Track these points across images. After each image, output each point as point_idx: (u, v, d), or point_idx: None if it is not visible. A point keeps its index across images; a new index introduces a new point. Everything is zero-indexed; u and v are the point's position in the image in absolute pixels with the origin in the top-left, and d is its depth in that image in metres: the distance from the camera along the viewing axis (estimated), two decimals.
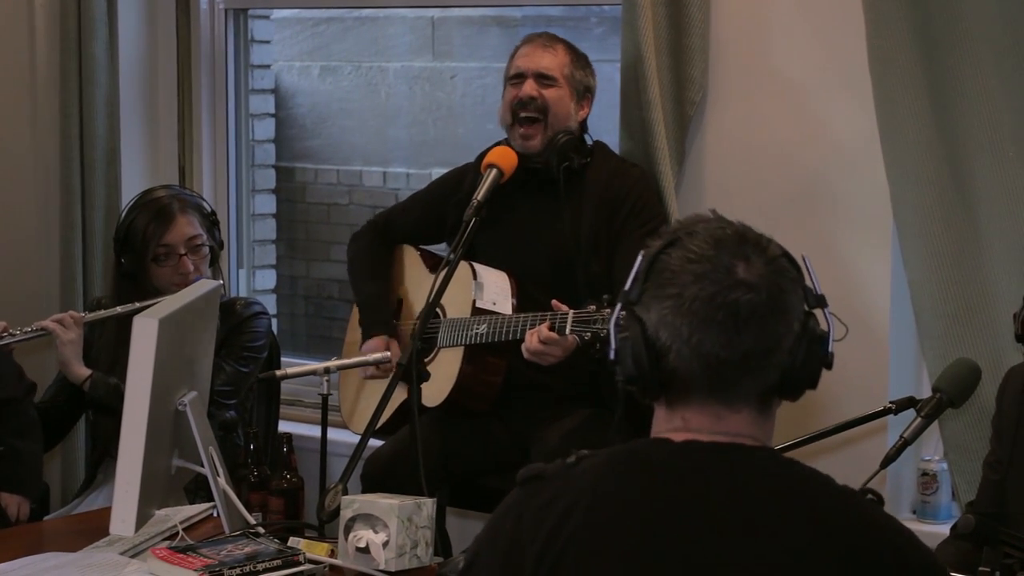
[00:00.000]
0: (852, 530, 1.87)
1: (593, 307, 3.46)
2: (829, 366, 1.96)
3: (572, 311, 3.50)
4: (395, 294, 4.19)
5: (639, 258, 1.97)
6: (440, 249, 4.22)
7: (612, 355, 1.97)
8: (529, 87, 3.91)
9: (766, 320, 1.90)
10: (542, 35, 4.00)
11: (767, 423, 1.96)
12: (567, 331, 3.50)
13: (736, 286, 1.89)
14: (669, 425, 1.96)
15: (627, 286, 1.96)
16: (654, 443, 1.96)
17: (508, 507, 1.98)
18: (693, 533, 1.87)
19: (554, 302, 3.57)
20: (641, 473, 1.93)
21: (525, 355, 3.60)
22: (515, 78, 3.95)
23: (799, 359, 1.92)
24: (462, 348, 3.83)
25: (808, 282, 1.96)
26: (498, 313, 3.78)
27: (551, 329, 3.54)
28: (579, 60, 3.97)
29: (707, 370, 1.90)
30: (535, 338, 3.56)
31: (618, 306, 1.97)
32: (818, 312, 1.96)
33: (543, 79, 3.91)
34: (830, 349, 1.96)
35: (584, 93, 3.96)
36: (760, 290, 1.90)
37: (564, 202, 3.85)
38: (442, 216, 4.06)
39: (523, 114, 3.90)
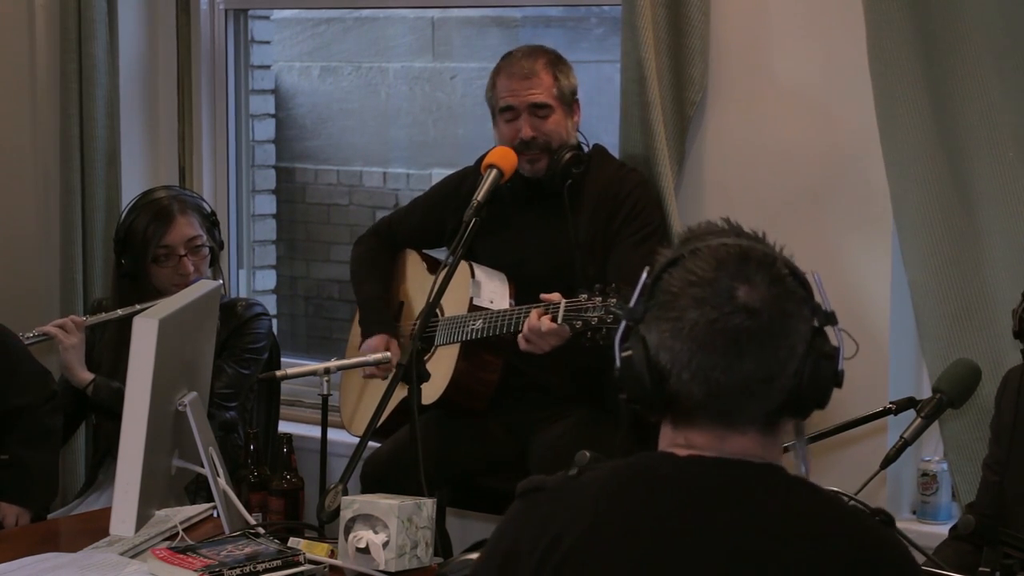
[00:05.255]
0: (857, 553, 1.85)
1: (584, 296, 3.46)
2: (839, 384, 1.94)
3: (564, 300, 3.51)
4: (396, 297, 4.19)
5: (644, 273, 1.94)
6: (442, 253, 4.22)
7: (616, 372, 1.95)
8: (527, 127, 3.85)
9: (767, 345, 1.87)
10: (520, 60, 3.91)
11: (774, 442, 1.94)
12: (559, 320, 3.49)
13: (736, 311, 1.86)
14: (674, 442, 1.94)
15: (632, 301, 1.93)
16: (658, 457, 1.95)
17: (508, 519, 1.97)
18: (695, 549, 1.85)
19: (543, 296, 3.56)
20: (644, 487, 1.91)
21: (522, 345, 3.58)
22: (506, 111, 3.91)
23: (805, 380, 1.89)
24: (458, 345, 3.83)
25: (817, 298, 1.92)
26: (495, 310, 3.78)
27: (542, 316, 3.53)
28: (559, 67, 3.91)
29: (708, 395, 1.88)
30: (541, 323, 3.53)
31: (623, 323, 1.95)
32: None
33: (537, 109, 3.87)
34: (840, 367, 1.92)
35: (572, 99, 3.93)
36: (761, 315, 1.86)
37: (565, 215, 3.84)
38: (442, 220, 4.06)
39: (526, 153, 3.87)
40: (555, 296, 3.54)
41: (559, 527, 1.89)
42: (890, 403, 3.13)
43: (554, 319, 3.50)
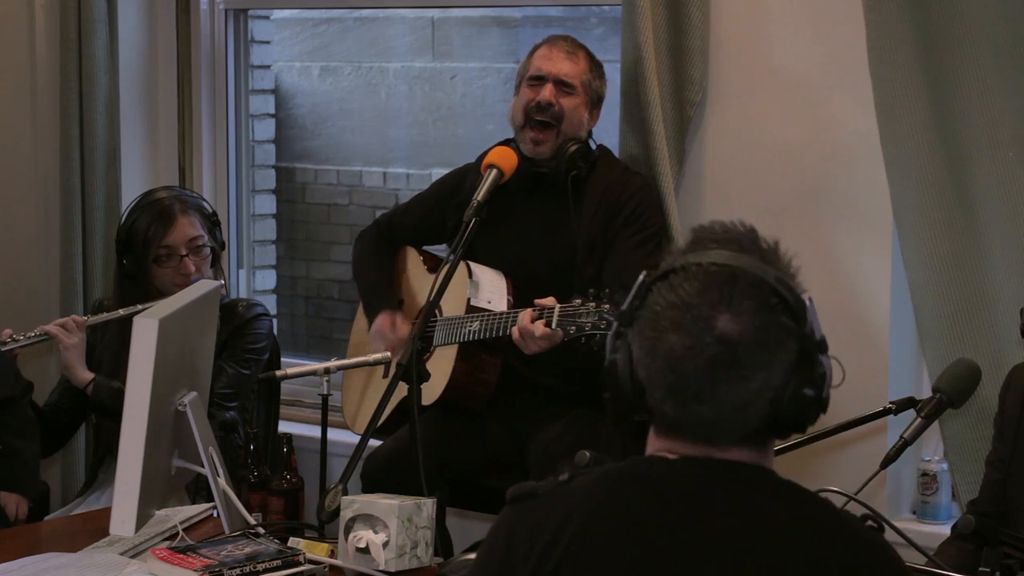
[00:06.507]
0: (848, 554, 1.85)
1: (579, 301, 3.46)
2: (824, 411, 1.92)
3: (559, 304, 3.51)
4: (396, 295, 4.19)
5: (640, 277, 1.93)
6: (441, 250, 4.22)
7: (603, 372, 1.96)
8: (548, 92, 3.88)
9: (740, 377, 1.85)
10: (566, 39, 3.98)
11: (764, 450, 1.93)
12: (553, 324, 3.49)
13: (712, 342, 1.84)
14: (663, 448, 1.94)
15: (624, 305, 1.94)
16: (649, 460, 1.95)
17: (499, 526, 1.97)
18: (687, 552, 1.86)
19: (537, 301, 3.56)
20: (636, 490, 1.91)
21: (514, 336, 3.58)
22: (534, 80, 3.93)
23: (783, 408, 1.88)
24: (456, 346, 3.83)
25: (809, 325, 1.89)
26: (492, 311, 3.78)
27: (536, 320, 3.52)
28: (596, 69, 3.96)
29: (683, 416, 1.88)
30: (535, 328, 3.53)
31: (615, 324, 1.95)
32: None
33: (562, 86, 3.89)
34: (825, 394, 1.91)
35: (597, 102, 3.96)
36: (736, 347, 1.84)
37: (567, 208, 3.85)
38: (443, 217, 4.06)
39: (538, 118, 3.88)
40: (549, 300, 3.53)
41: (553, 532, 1.89)
42: (890, 403, 3.13)
43: (548, 323, 3.50)
